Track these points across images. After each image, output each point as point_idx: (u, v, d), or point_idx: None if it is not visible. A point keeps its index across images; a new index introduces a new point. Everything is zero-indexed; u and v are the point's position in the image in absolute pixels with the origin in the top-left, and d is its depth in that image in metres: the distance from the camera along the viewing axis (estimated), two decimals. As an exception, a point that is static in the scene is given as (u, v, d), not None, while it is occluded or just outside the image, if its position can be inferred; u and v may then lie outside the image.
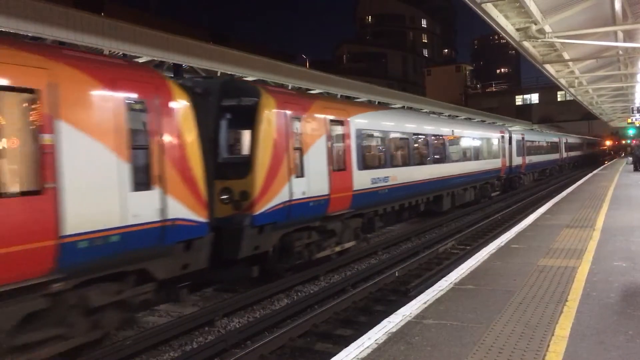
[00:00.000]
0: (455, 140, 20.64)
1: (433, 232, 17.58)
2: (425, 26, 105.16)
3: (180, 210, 7.77)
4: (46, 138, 6.06)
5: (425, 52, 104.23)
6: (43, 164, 6.00)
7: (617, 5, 13.22)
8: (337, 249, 12.48)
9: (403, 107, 29.19)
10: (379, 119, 14.91)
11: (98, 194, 6.64)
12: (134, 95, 7.29)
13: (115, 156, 6.88)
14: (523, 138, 31.96)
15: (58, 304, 6.39)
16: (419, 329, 5.45)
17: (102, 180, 6.71)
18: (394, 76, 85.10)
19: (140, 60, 14.14)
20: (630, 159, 38.98)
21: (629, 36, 16.95)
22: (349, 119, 12.86)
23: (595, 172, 36.72)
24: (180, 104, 7.98)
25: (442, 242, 15.06)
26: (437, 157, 18.59)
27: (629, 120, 39.79)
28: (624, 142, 73.32)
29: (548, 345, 4.87)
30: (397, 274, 11.45)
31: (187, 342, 7.96)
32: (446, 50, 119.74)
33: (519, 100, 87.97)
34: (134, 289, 7.39)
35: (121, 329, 8.20)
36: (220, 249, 9.02)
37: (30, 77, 6.01)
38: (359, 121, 13.35)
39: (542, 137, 40.68)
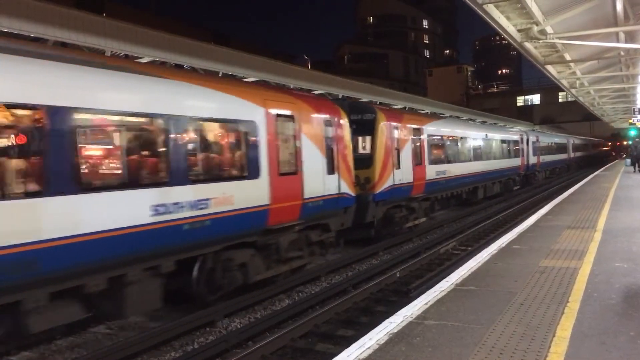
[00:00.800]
0: (488, 142, 25.18)
1: (434, 232, 17.58)
2: (426, 27, 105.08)
3: (345, 187, 12.44)
4: (298, 143, 10.81)
5: (427, 53, 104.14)
6: (298, 157, 10.77)
7: (619, 6, 13.20)
8: (416, 222, 17.20)
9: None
10: (440, 126, 19.88)
11: (315, 175, 11.27)
12: (326, 117, 12.01)
13: (320, 153, 11.58)
14: (538, 140, 36.05)
15: (299, 238, 11.05)
16: (420, 330, 5.45)
17: (316, 167, 11.36)
18: (395, 77, 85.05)
19: (143, 61, 14.16)
20: (629, 160, 38.32)
21: (630, 37, 16.91)
22: (423, 127, 17.52)
23: (596, 173, 36.67)
24: (344, 121, 12.76)
25: (444, 242, 15.06)
26: (476, 156, 23.15)
27: (631, 121, 39.62)
28: (625, 143, 73.22)
29: (549, 346, 4.87)
30: (398, 275, 11.46)
31: (188, 342, 7.97)
32: (447, 51, 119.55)
33: (520, 101, 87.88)
34: (325, 234, 12.06)
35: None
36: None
37: (292, 109, 10.79)
38: (429, 128, 18.07)
39: (553, 139, 44.52)
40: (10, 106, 6.15)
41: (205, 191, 8.39)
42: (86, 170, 7.07)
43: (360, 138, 14.88)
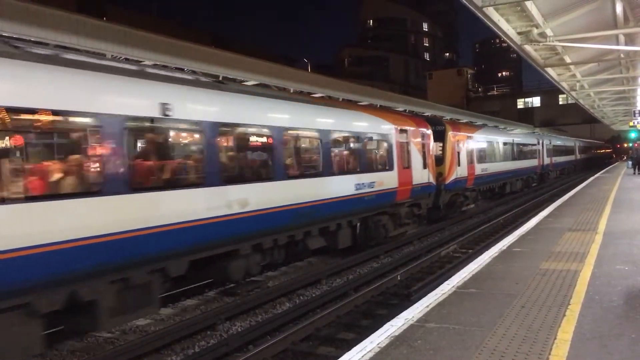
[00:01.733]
0: (515, 146, 30.28)
1: (435, 235, 17.57)
2: (427, 30, 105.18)
3: (430, 178, 17.40)
4: (409, 147, 15.85)
5: (427, 56, 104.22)
6: (409, 157, 15.87)
7: (619, 9, 13.20)
8: (468, 207, 22.47)
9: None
10: (483, 134, 25.52)
11: (417, 169, 16.31)
12: (421, 129, 17.03)
13: (419, 154, 16.59)
14: (550, 142, 41.33)
15: (408, 211, 16.02)
16: (421, 333, 5.45)
17: (417, 163, 16.39)
18: (395, 80, 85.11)
19: (145, 64, 14.17)
20: (630, 162, 38.75)
21: (630, 39, 16.89)
22: (473, 135, 23.29)
23: (597, 175, 36.66)
24: (429, 131, 17.84)
25: (444, 245, 15.05)
26: (506, 157, 28.23)
27: (631, 124, 39.57)
28: (626, 145, 73.34)
29: (551, 349, 4.87)
30: (399, 278, 11.45)
31: (189, 345, 7.97)
32: (448, 54, 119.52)
33: (520, 103, 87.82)
34: (420, 210, 16.91)
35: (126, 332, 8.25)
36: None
37: (405, 125, 16.05)
38: (477, 135, 24.00)
39: (562, 141, 49.86)
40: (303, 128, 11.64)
41: (373, 177, 13.78)
42: (330, 163, 12.20)
43: (438, 144, 19.58)
